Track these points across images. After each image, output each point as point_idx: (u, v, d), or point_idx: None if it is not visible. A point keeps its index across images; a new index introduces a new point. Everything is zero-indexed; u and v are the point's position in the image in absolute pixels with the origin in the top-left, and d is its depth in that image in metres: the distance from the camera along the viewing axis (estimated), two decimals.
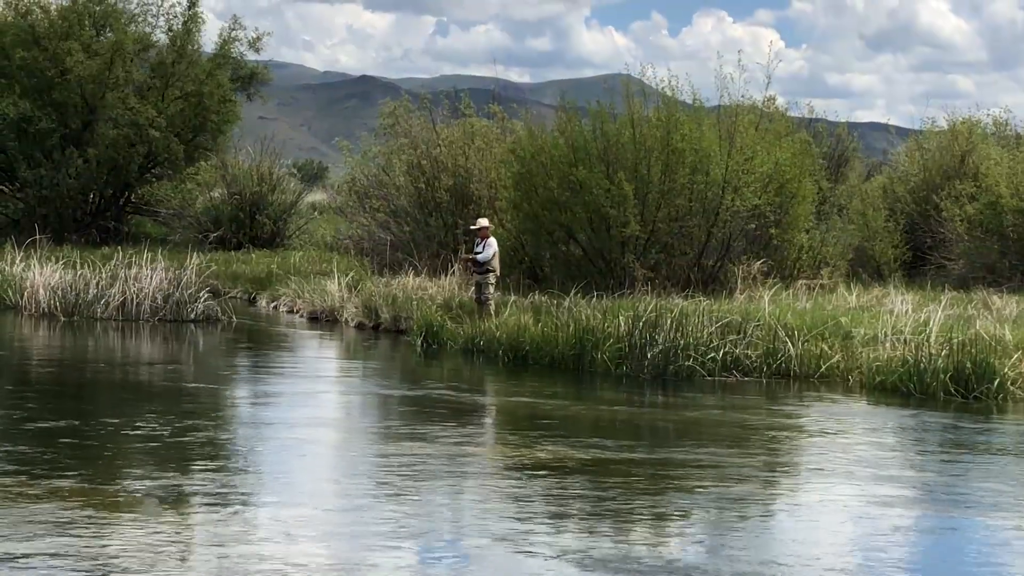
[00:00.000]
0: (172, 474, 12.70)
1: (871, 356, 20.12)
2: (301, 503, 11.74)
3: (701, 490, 12.58)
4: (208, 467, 13.22)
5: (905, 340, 20.43)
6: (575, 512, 11.59)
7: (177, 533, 10.47)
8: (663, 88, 30.61)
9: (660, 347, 20.58)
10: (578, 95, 33.40)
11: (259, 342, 26.77)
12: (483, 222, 25.47)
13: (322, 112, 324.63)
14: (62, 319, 27.63)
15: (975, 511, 12.11)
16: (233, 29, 48.93)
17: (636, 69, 32.05)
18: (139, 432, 15.07)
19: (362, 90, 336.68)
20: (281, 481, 12.76)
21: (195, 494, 11.90)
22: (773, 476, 13.55)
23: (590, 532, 10.90)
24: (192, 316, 27.99)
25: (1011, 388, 18.68)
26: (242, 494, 11.98)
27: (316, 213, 54.19)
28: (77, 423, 15.47)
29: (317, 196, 64.63)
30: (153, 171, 48.71)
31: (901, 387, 19.05)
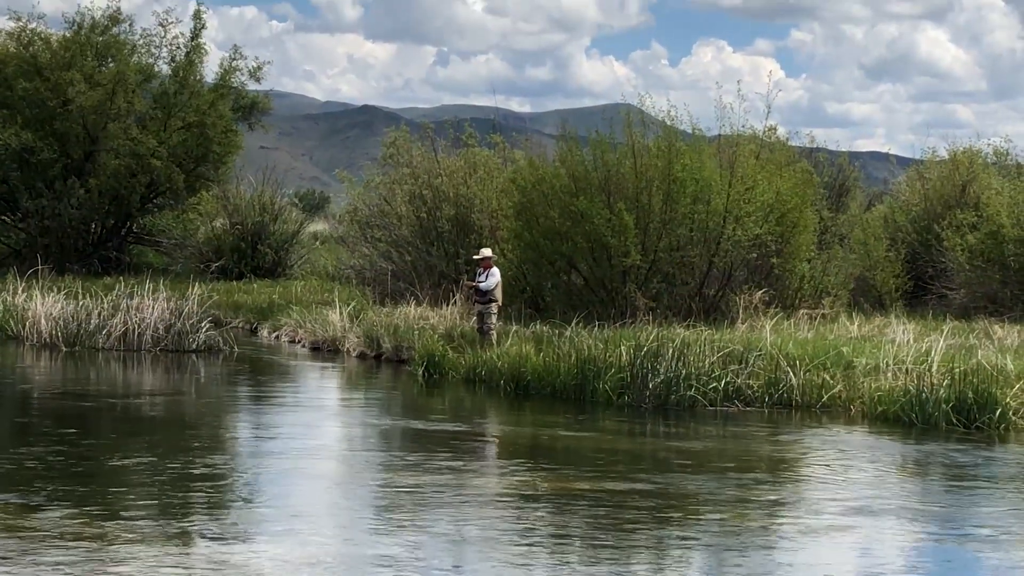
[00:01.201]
0: (174, 507, 12.70)
1: (873, 386, 20.11)
2: (303, 534, 11.73)
3: (702, 520, 12.57)
4: (210, 499, 13.21)
5: (907, 370, 20.42)
6: (576, 542, 11.57)
7: (179, 566, 10.45)
8: (663, 118, 30.67)
9: (662, 377, 20.57)
10: (578, 124, 33.43)
11: (261, 372, 26.76)
12: (486, 252, 25.49)
13: (324, 142, 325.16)
14: (64, 349, 27.63)
15: (979, 542, 12.09)
16: (234, 59, 49.10)
17: (635, 99, 32.02)
18: (141, 465, 15.06)
19: (363, 120, 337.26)
20: (283, 512, 12.74)
21: (197, 527, 11.89)
22: (774, 507, 13.53)
23: (591, 562, 10.88)
24: (194, 346, 27.99)
25: (1013, 418, 18.66)
26: (244, 526, 11.97)
27: (318, 243, 54.23)
28: (78, 456, 15.47)
29: (319, 226, 64.71)
30: (155, 201, 48.81)
31: (903, 417, 19.04)
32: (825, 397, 20.29)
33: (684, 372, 20.61)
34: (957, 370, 19.42)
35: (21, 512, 12.08)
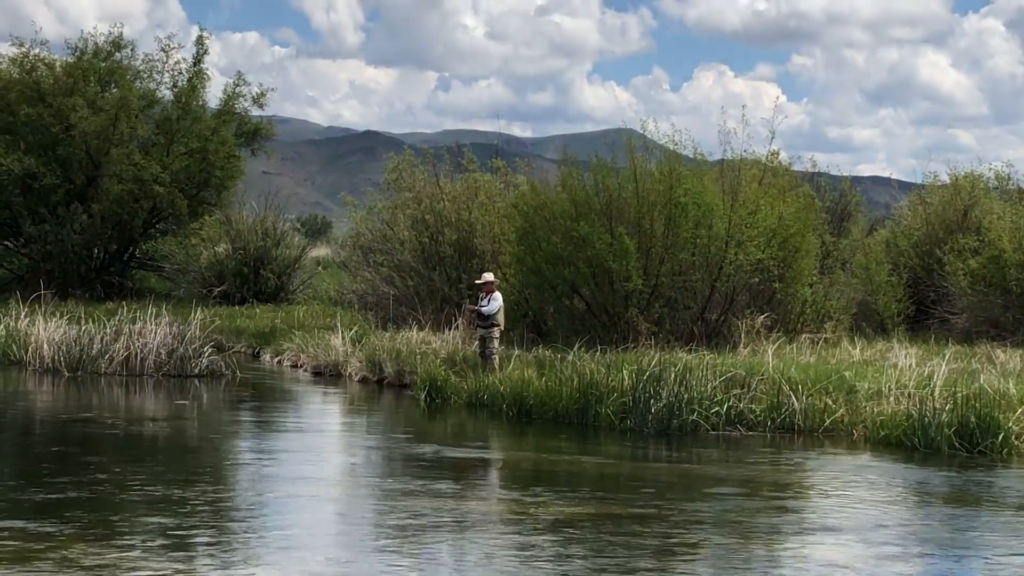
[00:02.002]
0: (178, 533, 12.68)
1: (875, 410, 20.11)
2: (306, 559, 11.71)
3: (705, 545, 12.55)
4: (214, 524, 13.20)
5: (909, 394, 20.41)
6: (579, 568, 11.56)
7: None
8: (665, 142, 30.69)
9: (664, 401, 20.57)
10: (580, 149, 33.45)
11: (263, 397, 26.76)
12: (488, 276, 25.51)
13: (326, 167, 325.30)
14: (66, 374, 27.64)
15: (982, 568, 12.07)
16: (237, 85, 49.29)
17: (636, 124, 32.10)
18: (144, 491, 15.05)
19: (366, 145, 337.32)
20: (286, 537, 12.73)
21: (201, 552, 11.88)
22: (777, 532, 13.51)
23: None
24: (196, 371, 28.00)
25: (1015, 442, 18.66)
26: (248, 551, 11.96)
27: (320, 268, 54.29)
28: (80, 481, 15.46)
29: (321, 251, 64.79)
30: (157, 226, 48.91)
31: (905, 441, 19.03)
32: (827, 421, 20.28)
33: (686, 396, 20.62)
34: (959, 394, 19.41)
35: (27, 540, 12.07)
